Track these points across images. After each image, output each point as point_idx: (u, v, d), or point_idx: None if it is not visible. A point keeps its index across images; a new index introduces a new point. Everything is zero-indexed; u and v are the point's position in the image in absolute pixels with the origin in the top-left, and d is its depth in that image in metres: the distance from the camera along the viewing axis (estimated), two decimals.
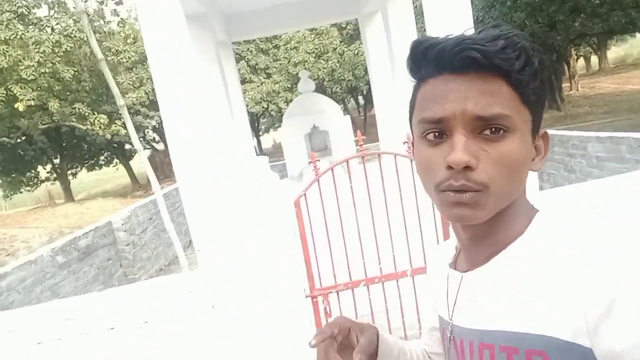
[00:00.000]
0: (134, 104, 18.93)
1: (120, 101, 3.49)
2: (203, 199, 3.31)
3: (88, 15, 14.99)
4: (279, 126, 28.36)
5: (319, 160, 2.67)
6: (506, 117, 0.62)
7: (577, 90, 25.84)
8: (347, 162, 2.77)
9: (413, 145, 0.73)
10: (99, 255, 6.23)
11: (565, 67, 25.47)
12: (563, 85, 21.80)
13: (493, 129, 0.62)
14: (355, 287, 2.84)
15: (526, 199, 0.71)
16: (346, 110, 30.69)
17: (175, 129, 3.45)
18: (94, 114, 16.93)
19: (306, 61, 20.09)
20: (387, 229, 2.76)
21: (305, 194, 2.73)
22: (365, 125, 25.62)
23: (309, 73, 7.30)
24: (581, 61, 35.31)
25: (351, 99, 30.61)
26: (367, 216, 2.73)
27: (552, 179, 6.29)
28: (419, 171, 0.70)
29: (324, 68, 20.52)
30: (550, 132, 6.46)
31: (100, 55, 3.27)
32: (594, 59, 35.02)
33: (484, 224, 0.66)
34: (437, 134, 0.65)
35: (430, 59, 0.65)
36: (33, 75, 13.94)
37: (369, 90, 22.56)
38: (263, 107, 21.56)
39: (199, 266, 3.29)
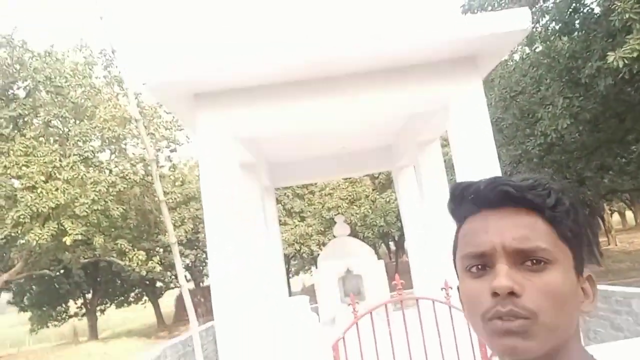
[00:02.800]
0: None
1: (173, 239, 3.76)
2: (239, 338, 3.32)
3: (145, 161, 16.56)
4: (309, 269, 28.26)
5: (358, 303, 2.73)
6: (545, 250, 0.64)
7: (616, 245, 25.27)
8: (386, 306, 2.82)
9: (455, 290, 0.76)
10: None
11: (600, 222, 25.31)
12: (600, 240, 21.45)
13: (534, 261, 0.64)
14: None
15: (582, 347, 0.69)
16: (377, 255, 30.60)
17: (219, 265, 3.62)
18: (133, 250, 17.58)
19: (339, 206, 20.91)
20: None
21: (344, 337, 2.73)
22: (396, 271, 25.22)
23: (344, 217, 7.64)
24: (616, 216, 35.11)
25: (382, 244, 30.78)
26: None
27: (599, 337, 5.92)
28: (464, 305, 0.71)
29: (356, 213, 21.21)
30: None
31: (162, 197, 3.65)
32: (629, 214, 34.83)
33: None
34: (480, 267, 0.67)
35: (467, 198, 0.71)
36: (86, 211, 14.98)
37: (401, 235, 22.77)
38: (295, 249, 21.89)
39: None
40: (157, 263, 18.80)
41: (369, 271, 6.97)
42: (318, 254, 12.01)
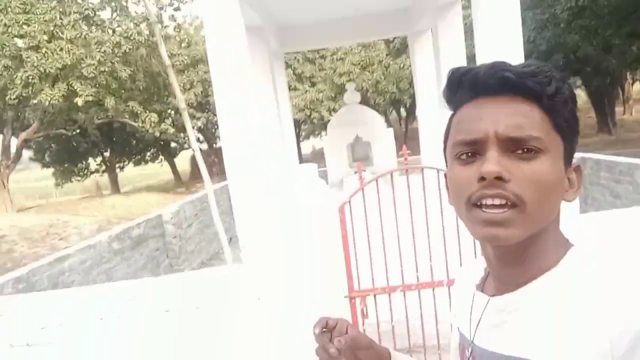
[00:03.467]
0: None
1: (182, 104, 3.77)
2: (252, 196, 3.51)
3: (148, 20, 15.81)
4: (319, 134, 28.66)
5: (364, 170, 2.83)
6: (538, 139, 0.64)
7: (631, 114, 24.94)
8: (391, 173, 2.91)
9: (446, 177, 0.75)
10: (149, 245, 6.65)
11: (620, 91, 24.64)
12: (616, 109, 21.12)
13: (525, 149, 0.64)
14: (392, 292, 2.97)
15: (560, 231, 0.70)
16: (388, 122, 30.71)
17: (229, 128, 3.67)
18: (145, 112, 17.75)
19: (351, 72, 20.34)
20: (427, 240, 2.89)
21: (349, 201, 2.89)
22: (405, 137, 25.54)
23: (355, 85, 7.51)
24: (637, 86, 33.97)
25: (393, 110, 30.64)
26: (408, 226, 2.86)
27: (596, 203, 6.19)
28: (450, 191, 0.71)
29: (368, 80, 20.71)
30: (597, 157, 6.36)
31: (167, 62, 3.56)
32: None
33: (515, 248, 0.66)
34: (470, 154, 0.66)
35: (465, 84, 0.68)
36: (93, 73, 14.81)
37: (412, 103, 22.54)
38: (306, 115, 21.95)
39: (243, 262, 3.49)
40: (170, 125, 19.11)
41: (378, 138, 7.07)
42: (329, 120, 12.09)
